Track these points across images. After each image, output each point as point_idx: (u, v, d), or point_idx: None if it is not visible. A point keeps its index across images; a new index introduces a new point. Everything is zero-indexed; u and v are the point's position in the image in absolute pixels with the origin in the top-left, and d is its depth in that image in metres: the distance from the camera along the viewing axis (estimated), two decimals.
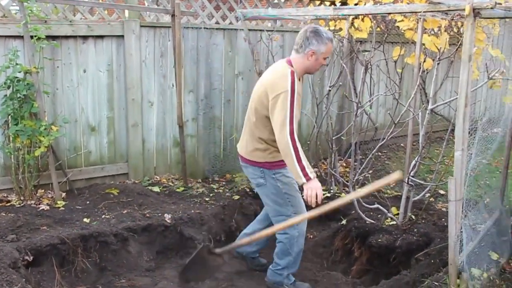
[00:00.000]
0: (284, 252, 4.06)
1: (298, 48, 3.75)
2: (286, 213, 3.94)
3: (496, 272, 4.01)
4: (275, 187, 3.94)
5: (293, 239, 4.01)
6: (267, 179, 3.95)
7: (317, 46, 3.69)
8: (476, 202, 4.36)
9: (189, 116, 5.90)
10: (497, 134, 4.76)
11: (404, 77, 6.61)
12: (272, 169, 3.92)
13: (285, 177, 3.94)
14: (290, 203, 3.94)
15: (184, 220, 4.80)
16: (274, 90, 3.65)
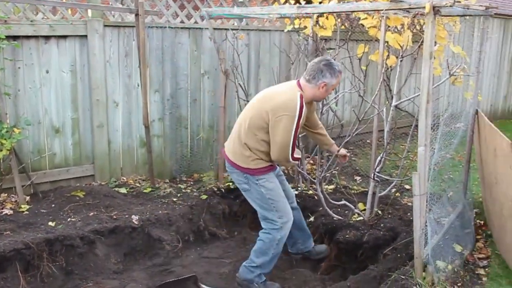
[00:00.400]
0: (262, 251, 4.10)
1: (311, 78, 3.85)
2: (271, 218, 4.03)
3: (460, 264, 4.11)
4: (259, 193, 4.01)
5: (274, 241, 4.06)
6: (251, 184, 4.01)
7: (330, 79, 3.83)
8: (440, 196, 4.45)
9: (155, 116, 5.86)
10: (459, 129, 4.86)
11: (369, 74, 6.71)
12: (255, 175, 3.98)
13: (268, 183, 4.01)
14: (274, 208, 4.02)
15: (151, 221, 4.77)
16: (280, 109, 3.72)
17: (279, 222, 4.00)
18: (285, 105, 3.72)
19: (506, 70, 10.98)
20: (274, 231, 4.02)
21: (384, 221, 4.84)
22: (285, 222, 4.03)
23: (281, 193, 4.07)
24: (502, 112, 11.23)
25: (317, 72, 3.82)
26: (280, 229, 4.02)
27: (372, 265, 4.26)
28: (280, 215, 4.01)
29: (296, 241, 4.55)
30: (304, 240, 4.57)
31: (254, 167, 3.96)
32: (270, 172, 4.02)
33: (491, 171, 4.37)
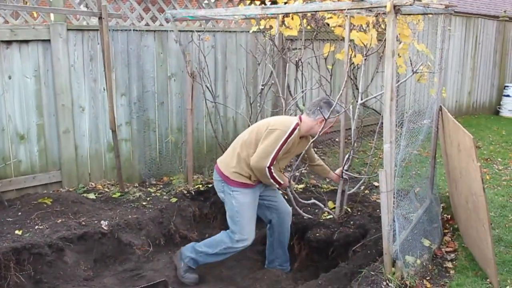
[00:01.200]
0: (212, 243, 4.30)
1: (310, 113, 4.18)
2: (232, 229, 4.23)
3: (429, 258, 4.19)
4: (230, 203, 4.21)
5: (225, 245, 4.25)
6: (226, 193, 4.23)
7: (327, 115, 4.11)
8: (407, 192, 4.53)
9: (122, 120, 5.82)
10: (425, 125, 4.95)
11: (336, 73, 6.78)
12: (231, 185, 4.18)
13: (241, 197, 4.19)
14: (238, 222, 4.20)
15: (121, 226, 4.73)
16: (274, 125, 4.08)
17: (237, 236, 4.20)
18: (280, 122, 4.10)
19: (469, 67, 11.23)
20: (230, 239, 4.23)
21: (353, 218, 4.90)
22: (242, 239, 4.21)
23: (251, 212, 4.25)
24: (467, 108, 11.47)
25: (317, 108, 4.14)
26: (234, 242, 4.22)
27: (343, 263, 4.31)
28: (239, 231, 4.20)
29: (275, 259, 4.66)
30: (283, 261, 4.68)
31: (233, 178, 4.17)
32: (247, 188, 4.20)
33: (456, 166, 4.46)
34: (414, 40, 5.45)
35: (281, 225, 4.56)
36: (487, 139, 8.99)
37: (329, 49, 5.12)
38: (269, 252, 4.69)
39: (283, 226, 4.57)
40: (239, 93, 6.82)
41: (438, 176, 5.76)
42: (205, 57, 5.79)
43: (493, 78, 12.02)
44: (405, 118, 4.23)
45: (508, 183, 6.33)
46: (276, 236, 4.59)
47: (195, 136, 6.30)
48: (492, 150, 8.09)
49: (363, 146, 7.40)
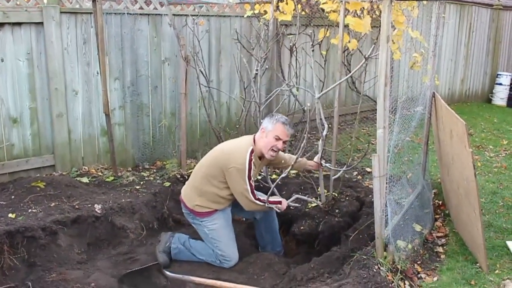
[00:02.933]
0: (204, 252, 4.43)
1: (259, 129, 4.35)
2: (217, 252, 4.35)
3: (420, 243, 4.24)
4: (203, 232, 4.40)
5: (213, 260, 4.38)
6: (196, 223, 4.41)
7: (266, 123, 4.28)
8: (399, 178, 4.56)
9: (116, 104, 5.81)
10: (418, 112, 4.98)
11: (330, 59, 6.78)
12: (198, 216, 4.35)
13: (212, 223, 4.34)
14: (217, 247, 4.34)
15: (115, 210, 4.74)
16: (230, 163, 4.13)
17: (220, 257, 4.34)
18: (234, 158, 4.14)
19: (462, 55, 11.25)
20: (216, 257, 4.37)
21: (341, 205, 4.93)
22: (226, 261, 4.34)
23: (227, 233, 4.39)
24: (459, 95, 11.51)
25: (262, 123, 4.34)
26: (219, 262, 4.36)
27: (335, 247, 4.36)
28: (222, 253, 4.33)
29: (266, 245, 4.73)
30: (275, 246, 4.74)
31: (197, 210, 4.33)
32: (215, 213, 4.34)
33: (448, 152, 4.50)
34: (409, 27, 5.45)
35: (267, 218, 4.65)
36: (479, 126, 9.04)
37: (324, 35, 5.12)
38: (259, 239, 4.77)
39: (268, 219, 4.66)
40: (233, 78, 6.81)
41: (430, 162, 5.80)
42: (199, 41, 5.78)
43: (486, 66, 12.06)
44: (399, 104, 4.25)
45: (499, 170, 6.39)
46: (263, 226, 4.67)
47: (189, 120, 6.30)
48: (483, 138, 8.15)
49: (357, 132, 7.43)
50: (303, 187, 5.34)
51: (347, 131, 7.84)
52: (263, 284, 4.08)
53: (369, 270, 3.63)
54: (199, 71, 5.79)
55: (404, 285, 3.63)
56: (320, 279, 3.88)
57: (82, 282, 3.94)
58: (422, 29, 8.65)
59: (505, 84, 11.75)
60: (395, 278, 3.63)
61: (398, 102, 4.22)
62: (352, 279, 3.54)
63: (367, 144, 7.33)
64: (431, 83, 4.87)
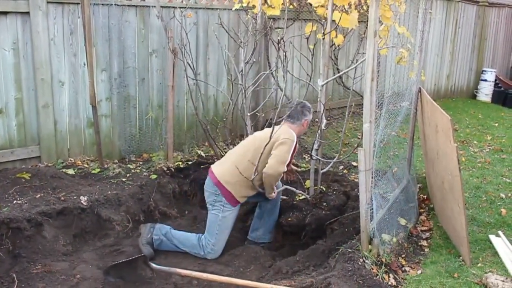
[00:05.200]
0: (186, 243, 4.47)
1: (295, 120, 4.56)
2: (208, 241, 4.40)
3: (405, 236, 4.28)
4: (215, 216, 4.40)
5: (197, 251, 4.43)
6: (216, 204, 4.40)
7: (309, 116, 4.63)
8: (385, 172, 4.60)
9: (102, 95, 5.77)
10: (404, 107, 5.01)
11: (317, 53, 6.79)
12: (226, 198, 4.37)
13: (229, 211, 4.40)
14: (216, 235, 4.38)
15: (100, 202, 4.73)
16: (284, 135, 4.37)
17: (209, 247, 4.38)
18: (287, 133, 4.41)
19: (449, 51, 11.32)
20: (201, 249, 4.41)
21: (328, 199, 4.96)
22: (213, 252, 4.39)
23: (229, 227, 4.47)
24: (445, 91, 11.59)
25: (299, 114, 4.56)
26: (205, 252, 4.40)
27: (321, 240, 4.39)
28: (214, 244, 4.38)
29: (259, 228, 4.79)
30: (267, 230, 4.80)
31: (235, 193, 4.38)
32: (237, 205, 4.45)
33: (433, 147, 4.54)
34: (396, 22, 5.48)
35: (276, 201, 4.77)
36: (464, 122, 9.13)
37: (311, 29, 5.12)
38: (256, 221, 4.83)
39: (277, 202, 4.80)
40: (221, 71, 6.80)
41: (416, 157, 5.85)
42: (187, 34, 5.76)
43: (472, 62, 12.15)
44: (385, 99, 4.28)
45: (483, 165, 6.46)
46: (268, 207, 4.77)
47: (176, 113, 6.28)
48: (468, 133, 8.23)
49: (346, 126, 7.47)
50: (290, 181, 5.35)
51: (333, 125, 7.86)
52: (249, 276, 4.09)
53: (354, 263, 3.66)
54: (186, 64, 5.77)
55: (388, 278, 3.67)
56: (306, 272, 3.90)
57: (67, 274, 3.93)
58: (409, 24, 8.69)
59: (490, 80, 11.87)
60: (379, 271, 3.66)
61: (385, 97, 4.25)
62: (337, 272, 3.56)
63: (353, 138, 7.37)
64: (417, 79, 4.91)
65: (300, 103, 4.64)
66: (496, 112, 10.32)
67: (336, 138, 6.79)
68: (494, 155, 6.97)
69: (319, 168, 4.96)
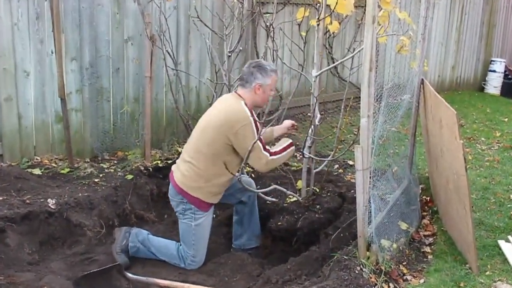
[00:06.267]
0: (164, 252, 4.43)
1: (244, 83, 4.21)
2: (186, 253, 4.33)
3: (406, 242, 4.30)
4: (187, 226, 4.30)
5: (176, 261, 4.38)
6: (186, 213, 4.29)
7: (263, 79, 4.17)
8: (384, 172, 4.61)
9: (72, 87, 5.73)
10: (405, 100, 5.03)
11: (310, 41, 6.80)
12: (198, 207, 4.25)
13: (202, 218, 4.30)
14: (193, 245, 4.31)
15: (70, 205, 4.69)
16: (235, 125, 4.03)
17: (189, 259, 4.32)
18: (235, 117, 4.06)
19: (454, 39, 11.39)
20: (181, 260, 4.36)
21: (322, 201, 4.96)
22: (193, 263, 4.34)
23: (207, 233, 4.39)
24: (450, 83, 11.66)
25: (248, 75, 4.19)
26: (184, 264, 4.35)
27: (314, 246, 4.39)
28: (194, 255, 4.32)
29: (243, 234, 4.77)
30: (252, 235, 4.79)
31: (205, 199, 4.24)
32: (211, 208, 4.35)
33: (437, 143, 4.56)
34: (396, 8, 5.49)
35: (253, 202, 4.73)
36: (471, 117, 9.19)
37: (303, 14, 5.12)
38: (237, 227, 4.79)
39: (254, 202, 4.75)
40: (204, 60, 6.78)
41: (418, 155, 5.88)
42: (166, 19, 5.73)
43: (479, 52, 12.24)
44: (384, 91, 4.29)
45: (491, 164, 6.50)
46: (247, 211, 4.72)
47: (154, 107, 6.26)
48: (475, 129, 8.29)
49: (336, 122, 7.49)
50: (280, 182, 5.36)
51: (327, 120, 7.88)
52: (235, 287, 4.09)
53: (350, 271, 3.66)
54: (165, 52, 5.74)
55: (388, 287, 3.68)
56: (298, 282, 3.90)
57: (33, 286, 3.88)
58: (410, 10, 8.74)
59: (499, 71, 11.93)
60: (378, 280, 3.67)
61: (384, 89, 4.26)
62: (332, 281, 3.56)
63: (349, 134, 7.39)
64: (420, 69, 4.93)
65: (254, 62, 4.32)
66: (506, 106, 10.41)
67: (330, 134, 6.80)
68: (504, 153, 7.02)
69: (312, 167, 4.96)
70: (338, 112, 7.92)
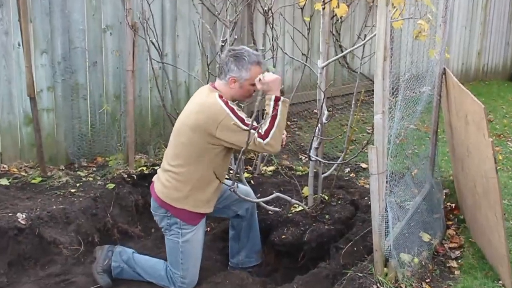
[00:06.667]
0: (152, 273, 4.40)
1: (220, 74, 4.09)
2: (175, 274, 4.29)
3: (429, 256, 4.29)
4: (173, 242, 4.23)
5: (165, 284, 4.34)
6: (172, 228, 4.22)
7: (237, 72, 4.00)
8: (403, 175, 4.61)
9: (43, 84, 5.73)
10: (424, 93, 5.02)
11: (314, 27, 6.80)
12: (185, 221, 4.17)
13: (191, 233, 4.21)
14: (182, 265, 4.25)
15: (43, 220, 4.68)
16: (212, 122, 3.89)
17: (178, 282, 4.28)
18: (210, 113, 3.93)
19: (479, 21, 11.37)
20: (170, 282, 4.32)
21: (331, 210, 4.96)
22: (184, 284, 4.29)
23: (198, 249, 4.32)
24: (476, 72, 11.66)
25: (223, 65, 4.05)
26: (175, 286, 4.31)
27: (323, 262, 4.38)
28: (183, 275, 4.26)
29: (241, 250, 4.74)
30: (252, 251, 4.75)
31: (192, 209, 4.14)
32: (201, 220, 4.26)
33: (463, 142, 4.55)
34: None
35: (252, 214, 4.68)
36: (500, 110, 9.19)
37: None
38: (234, 244, 4.77)
39: (253, 216, 4.71)
40: (193, 51, 6.78)
41: (440, 155, 5.88)
42: (149, 4, 5.72)
43: (508, 35, 12.23)
44: (401, 83, 4.29)
45: None
46: (244, 225, 4.68)
47: (138, 105, 6.26)
48: (506, 125, 8.28)
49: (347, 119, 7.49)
50: (283, 188, 5.35)
51: (336, 118, 7.89)
52: None
53: None
54: (150, 43, 5.74)
55: None
56: None
57: None
58: None
59: None
60: None
61: (401, 81, 4.25)
62: None
63: (362, 133, 7.39)
64: (441, 57, 4.92)
65: (232, 50, 4.12)
66: None
67: (340, 133, 6.81)
68: None
69: (319, 172, 4.96)
70: (348, 108, 7.92)
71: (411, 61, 9.63)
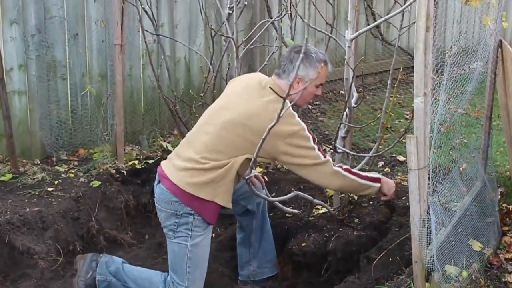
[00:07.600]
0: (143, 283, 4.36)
1: (281, 72, 4.15)
2: (178, 285, 4.22)
3: (480, 268, 4.27)
4: (182, 246, 4.16)
5: None
6: (180, 229, 4.13)
7: (304, 70, 4.06)
8: (448, 171, 4.58)
9: (13, 61, 5.75)
10: (476, 70, 5.00)
11: None
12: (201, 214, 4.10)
13: (201, 237, 4.17)
14: (188, 275, 4.19)
15: (14, 225, 4.72)
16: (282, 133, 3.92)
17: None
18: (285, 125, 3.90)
19: None
20: None
21: (362, 213, 4.95)
22: None
23: (206, 255, 4.29)
24: None
25: (287, 63, 4.11)
26: None
27: (352, 275, 4.38)
28: (188, 286, 4.21)
29: (251, 259, 4.74)
30: (265, 260, 4.75)
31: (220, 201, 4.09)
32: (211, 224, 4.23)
33: None
34: None
35: (263, 214, 4.69)
36: None
37: None
38: (244, 249, 4.77)
39: (264, 216, 4.71)
40: (195, 21, 6.78)
41: (495, 146, 5.85)
42: None
43: None
44: (447, 59, 4.26)
45: None
46: (256, 224, 4.68)
47: (128, 86, 6.27)
48: None
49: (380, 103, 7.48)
50: (304, 186, 5.34)
51: (368, 100, 7.86)
52: None
53: None
54: (142, 11, 5.73)
55: None
56: None
57: None
58: None
59: None
60: None
61: (446, 56, 4.23)
62: None
63: (398, 120, 7.37)
64: (497, 26, 4.89)
65: (296, 47, 4.21)
66: None
67: (372, 119, 6.79)
68: None
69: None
70: (382, 89, 7.90)
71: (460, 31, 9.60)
